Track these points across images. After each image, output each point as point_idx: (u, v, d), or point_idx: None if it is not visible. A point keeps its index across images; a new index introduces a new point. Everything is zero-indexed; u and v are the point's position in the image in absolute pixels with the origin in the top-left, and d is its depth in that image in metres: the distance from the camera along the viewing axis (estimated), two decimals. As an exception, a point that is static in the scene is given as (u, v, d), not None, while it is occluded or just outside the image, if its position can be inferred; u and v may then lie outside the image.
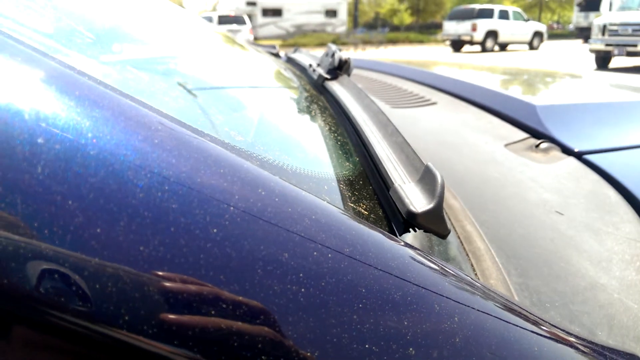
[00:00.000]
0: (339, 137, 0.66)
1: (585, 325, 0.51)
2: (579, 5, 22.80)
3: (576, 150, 0.97)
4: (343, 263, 0.30)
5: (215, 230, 0.27)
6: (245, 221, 0.28)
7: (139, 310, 0.24)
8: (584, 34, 19.84)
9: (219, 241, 0.26)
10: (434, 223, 0.42)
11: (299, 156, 0.56)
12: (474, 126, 1.15)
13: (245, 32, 20.59)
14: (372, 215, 0.46)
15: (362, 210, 0.45)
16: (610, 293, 0.57)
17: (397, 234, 0.45)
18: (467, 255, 0.53)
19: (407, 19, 35.23)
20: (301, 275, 0.28)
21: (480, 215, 0.66)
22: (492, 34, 19.17)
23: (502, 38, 19.46)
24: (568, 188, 0.82)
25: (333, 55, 0.94)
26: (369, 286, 0.30)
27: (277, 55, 1.72)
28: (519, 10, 21.01)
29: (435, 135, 1.07)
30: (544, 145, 1.00)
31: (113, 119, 0.29)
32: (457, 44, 20.00)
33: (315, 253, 0.29)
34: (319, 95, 0.90)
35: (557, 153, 0.97)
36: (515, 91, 1.47)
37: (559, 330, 0.37)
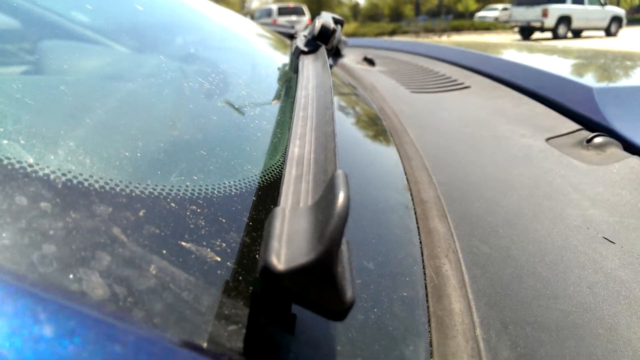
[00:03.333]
0: (276, 130, 0.47)
1: None
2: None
3: (645, 147, 0.71)
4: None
5: None
6: None
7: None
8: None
9: None
10: (315, 292, 0.22)
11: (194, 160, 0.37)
12: (510, 114, 0.91)
13: (303, 23, 20.42)
14: (228, 263, 0.26)
15: (214, 256, 0.26)
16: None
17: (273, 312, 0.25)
18: (429, 322, 0.32)
19: (473, 5, 33.67)
20: None
21: (479, 247, 0.44)
22: (564, 20, 17.82)
23: (575, 24, 18.04)
24: (628, 202, 0.58)
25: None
26: None
27: (292, 36, 1.53)
28: (596, -7, 19.48)
29: (456, 125, 0.84)
30: (598, 139, 0.74)
31: None
32: (527, 31, 18.79)
33: None
34: (293, 73, 0.70)
35: (616, 151, 0.72)
36: (576, 73, 1.19)
37: None
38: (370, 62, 1.40)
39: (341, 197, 0.23)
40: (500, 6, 29.11)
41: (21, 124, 0.31)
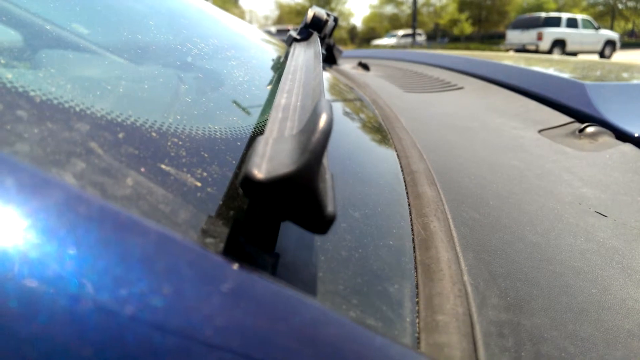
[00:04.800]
0: (267, 103, 0.47)
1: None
2: (657, 11, 21.11)
3: (636, 134, 0.71)
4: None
5: None
6: None
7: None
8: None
9: None
10: (295, 203, 0.21)
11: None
12: (503, 110, 0.91)
13: (302, 44, 20.58)
14: (208, 189, 0.25)
15: (194, 181, 0.25)
16: (678, 345, 0.33)
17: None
18: (416, 268, 0.31)
19: (468, 28, 34.16)
20: None
21: (469, 212, 0.44)
22: (559, 43, 18.03)
23: (570, 47, 18.25)
24: (619, 182, 0.58)
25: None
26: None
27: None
28: (589, 18, 19.76)
29: (448, 119, 0.84)
30: (591, 129, 0.74)
31: None
32: (524, 53, 19.00)
33: None
34: (285, 59, 0.71)
35: (608, 139, 0.72)
36: (569, 73, 1.19)
37: None
38: (364, 67, 1.41)
39: (324, 117, 0.23)
40: (401, 32, 28.84)
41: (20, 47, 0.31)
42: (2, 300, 0.14)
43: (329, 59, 1.50)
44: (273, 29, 22.42)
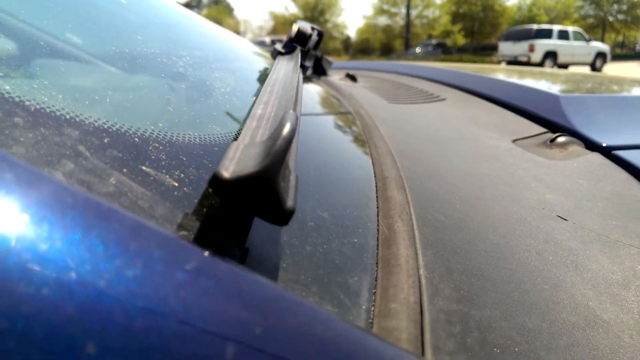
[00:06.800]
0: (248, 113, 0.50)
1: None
2: (647, 24, 21.46)
3: (604, 144, 0.75)
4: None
5: None
6: None
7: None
8: (651, 54, 18.58)
9: None
10: (258, 199, 0.24)
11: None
12: (481, 122, 0.95)
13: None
14: (185, 189, 0.28)
15: (172, 181, 0.28)
16: (618, 334, 0.37)
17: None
18: (377, 263, 0.34)
19: (461, 40, 34.56)
20: None
21: (434, 215, 0.47)
22: (550, 55, 18.26)
23: (561, 59, 18.48)
24: (584, 189, 0.61)
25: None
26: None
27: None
28: (580, 30, 20.05)
29: (427, 128, 0.88)
30: (561, 139, 0.78)
31: None
32: (513, 65, 19.22)
33: None
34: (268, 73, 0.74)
35: (577, 148, 0.76)
36: (548, 86, 1.24)
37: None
38: (352, 78, 1.45)
39: (287, 126, 0.26)
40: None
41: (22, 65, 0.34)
42: None
43: (319, 70, 1.54)
44: (267, 39, 22.58)
